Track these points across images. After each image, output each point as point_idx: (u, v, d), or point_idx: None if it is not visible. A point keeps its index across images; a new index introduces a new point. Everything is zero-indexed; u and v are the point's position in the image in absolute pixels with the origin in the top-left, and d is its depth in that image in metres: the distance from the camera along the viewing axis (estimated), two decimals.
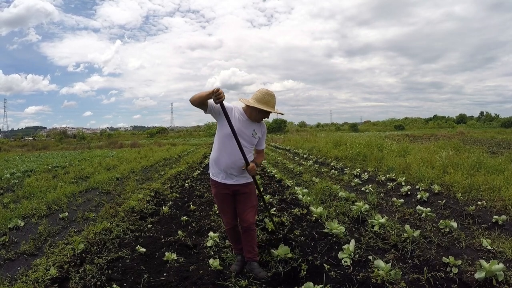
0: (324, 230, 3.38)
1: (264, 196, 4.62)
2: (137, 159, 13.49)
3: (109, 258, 3.06)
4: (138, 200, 5.15)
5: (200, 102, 2.35)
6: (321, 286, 2.28)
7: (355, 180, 6.42)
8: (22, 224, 4.34)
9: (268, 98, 2.50)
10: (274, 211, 4.24)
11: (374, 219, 3.56)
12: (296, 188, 5.54)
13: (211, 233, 3.44)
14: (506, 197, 4.32)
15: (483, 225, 3.57)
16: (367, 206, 4.08)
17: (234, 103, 2.66)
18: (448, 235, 3.28)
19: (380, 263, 2.48)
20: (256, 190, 2.77)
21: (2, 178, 8.72)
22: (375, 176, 6.92)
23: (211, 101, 2.36)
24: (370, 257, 2.76)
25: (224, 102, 2.35)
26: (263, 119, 2.61)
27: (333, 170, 8.00)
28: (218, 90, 2.19)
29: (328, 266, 2.64)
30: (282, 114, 2.66)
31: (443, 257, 2.65)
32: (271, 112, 2.53)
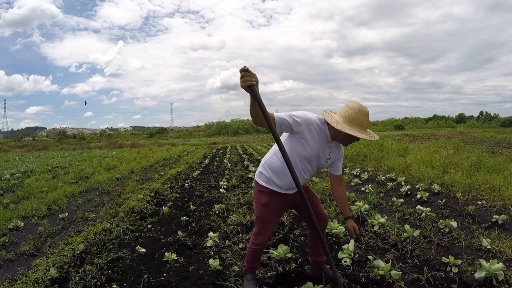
0: None
1: None
2: (137, 159, 13.49)
3: (109, 258, 3.05)
4: (138, 200, 5.15)
5: (256, 115, 1.71)
6: (321, 286, 2.28)
7: (355, 180, 6.42)
8: (22, 224, 4.34)
9: (362, 118, 1.91)
10: None
11: (374, 219, 3.56)
12: None
13: (211, 233, 3.43)
14: (506, 196, 4.33)
15: (483, 225, 3.56)
16: (367, 206, 4.08)
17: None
18: (448, 235, 3.28)
19: (380, 262, 2.48)
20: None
21: (2, 178, 8.71)
22: (375, 176, 6.92)
23: (278, 117, 1.80)
24: (370, 257, 2.77)
25: (306, 113, 1.90)
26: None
27: None
28: (241, 70, 1.60)
29: (328, 266, 2.64)
30: (377, 139, 1.98)
31: (443, 257, 2.65)
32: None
